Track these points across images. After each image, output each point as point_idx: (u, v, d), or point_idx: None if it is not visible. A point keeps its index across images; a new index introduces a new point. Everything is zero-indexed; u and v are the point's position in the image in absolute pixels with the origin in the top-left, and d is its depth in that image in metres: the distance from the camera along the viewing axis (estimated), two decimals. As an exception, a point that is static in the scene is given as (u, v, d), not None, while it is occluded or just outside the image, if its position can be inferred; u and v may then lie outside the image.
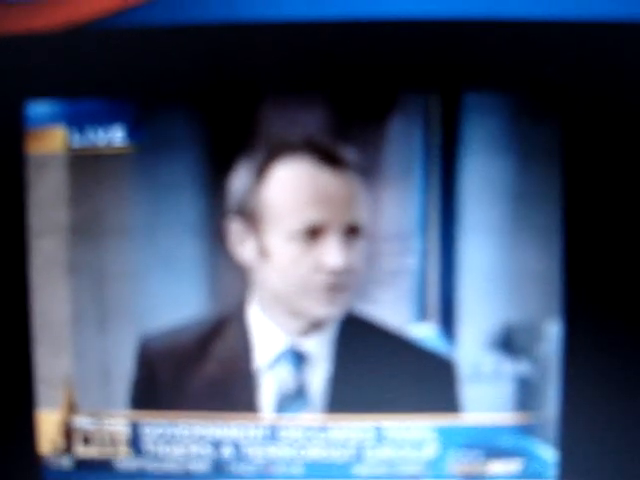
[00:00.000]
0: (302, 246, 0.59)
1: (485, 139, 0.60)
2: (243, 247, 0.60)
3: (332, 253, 0.58)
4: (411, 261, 0.61)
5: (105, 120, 0.61)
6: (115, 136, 0.61)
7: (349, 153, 0.59)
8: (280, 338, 0.62)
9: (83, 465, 0.64)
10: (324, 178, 0.59)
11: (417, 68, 0.60)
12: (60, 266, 0.63)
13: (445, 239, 0.61)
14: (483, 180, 0.61)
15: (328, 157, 0.59)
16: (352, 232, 0.59)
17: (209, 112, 0.61)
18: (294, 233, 0.58)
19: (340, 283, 0.59)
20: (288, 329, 0.62)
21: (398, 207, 0.61)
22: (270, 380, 0.62)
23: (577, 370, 0.61)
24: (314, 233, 0.58)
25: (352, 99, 0.60)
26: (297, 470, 0.63)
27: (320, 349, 0.62)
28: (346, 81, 0.60)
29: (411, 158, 0.61)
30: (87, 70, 0.60)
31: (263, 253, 0.60)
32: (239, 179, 0.60)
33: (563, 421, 0.61)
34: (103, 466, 0.64)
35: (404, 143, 0.61)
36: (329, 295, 0.59)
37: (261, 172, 0.59)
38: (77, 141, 0.61)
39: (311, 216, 0.58)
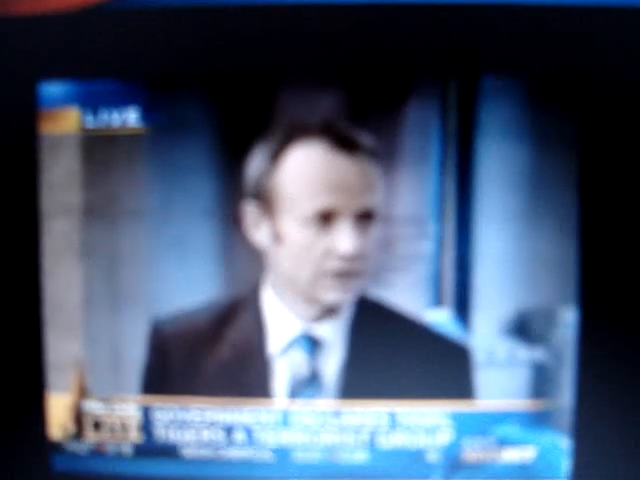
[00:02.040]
0: (315, 231, 0.58)
1: (502, 124, 0.60)
2: (258, 231, 0.60)
3: (344, 239, 0.58)
4: (427, 246, 0.61)
5: (119, 102, 0.60)
6: (129, 117, 0.60)
7: (365, 138, 0.59)
8: (294, 323, 0.61)
9: (94, 450, 0.64)
10: (339, 163, 0.58)
11: (435, 52, 0.59)
12: (72, 248, 0.62)
13: (461, 225, 0.61)
14: (500, 166, 0.60)
15: (344, 141, 0.58)
16: (366, 218, 0.59)
17: (225, 95, 0.60)
18: (307, 218, 0.58)
19: (352, 269, 0.59)
20: (302, 314, 0.61)
21: (414, 192, 0.60)
22: (283, 365, 0.62)
23: (592, 357, 0.60)
24: (327, 218, 0.58)
25: (369, 84, 0.60)
26: (310, 455, 0.63)
27: (334, 334, 0.61)
28: (363, 66, 0.59)
29: (428, 143, 0.60)
30: (102, 51, 0.60)
31: (277, 237, 0.59)
32: (255, 162, 0.59)
33: (578, 409, 0.61)
34: (114, 451, 0.64)
35: (421, 128, 0.60)
36: (341, 281, 0.59)
37: (276, 155, 0.59)
38: (91, 122, 0.61)
39: (324, 201, 0.58)
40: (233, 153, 0.60)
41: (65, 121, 0.61)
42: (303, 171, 0.58)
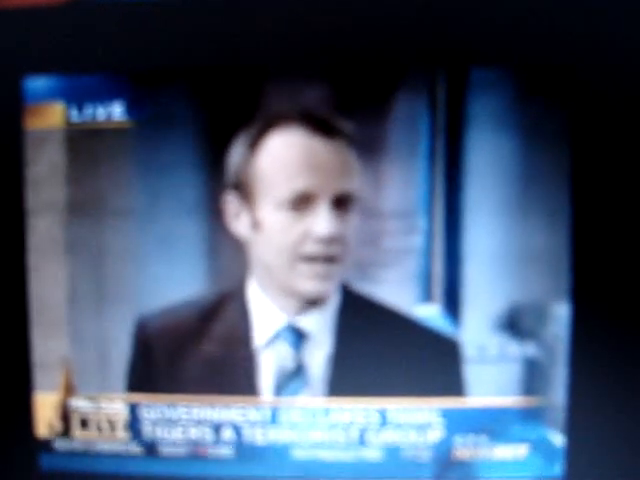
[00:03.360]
0: (291, 215, 0.57)
1: (491, 117, 0.59)
2: (238, 221, 0.59)
3: (321, 221, 0.57)
4: (416, 241, 0.60)
5: (104, 96, 0.60)
6: (114, 111, 0.60)
7: (343, 123, 0.58)
8: (278, 316, 0.61)
9: (81, 448, 0.63)
10: (315, 146, 0.58)
11: (422, 44, 0.59)
12: (57, 245, 0.61)
13: (450, 219, 0.60)
14: (489, 158, 0.60)
15: (322, 126, 0.58)
16: (343, 202, 0.58)
17: (210, 89, 0.60)
18: (283, 201, 0.57)
19: (329, 253, 0.58)
20: (285, 307, 0.60)
21: (403, 186, 0.60)
22: (269, 359, 0.61)
23: (585, 353, 0.59)
24: (304, 201, 0.57)
25: (356, 77, 0.59)
26: (299, 453, 0.62)
27: (320, 327, 0.61)
28: (350, 59, 0.59)
29: (416, 136, 0.60)
30: (86, 45, 0.59)
31: (255, 225, 0.59)
32: (235, 152, 0.59)
33: (570, 405, 0.60)
34: (101, 449, 0.63)
35: (409, 121, 0.59)
36: (318, 267, 0.58)
37: (255, 143, 0.58)
38: (76, 116, 0.60)
39: (301, 183, 0.57)
40: (218, 147, 0.59)
41: (50, 116, 0.60)
42: (280, 155, 0.58)
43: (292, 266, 0.58)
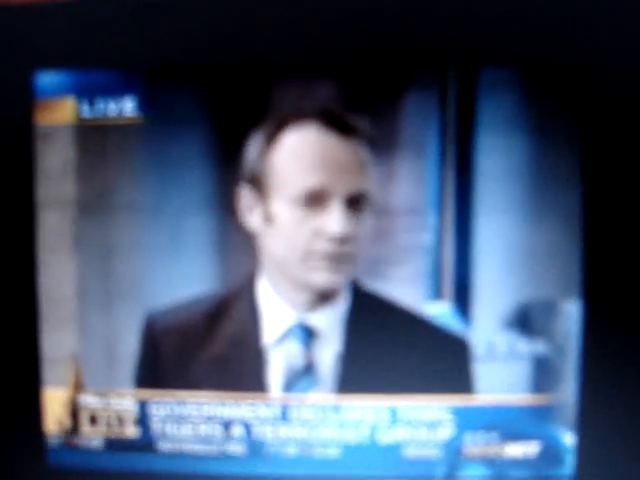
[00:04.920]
0: (305, 212, 0.57)
1: (501, 115, 0.59)
2: (251, 215, 0.60)
3: (334, 220, 0.57)
4: (426, 238, 0.60)
5: (116, 91, 0.60)
6: (126, 107, 0.60)
7: (360, 122, 0.58)
8: (288, 313, 0.61)
9: (89, 444, 0.63)
10: (332, 143, 0.58)
11: (434, 43, 0.59)
12: (66, 240, 0.61)
13: (461, 216, 0.60)
14: (500, 157, 0.60)
15: (338, 123, 0.58)
16: (357, 201, 0.58)
17: (221, 86, 0.60)
18: (297, 197, 0.57)
19: (341, 252, 0.58)
20: (295, 303, 0.60)
21: (414, 183, 0.60)
22: (279, 357, 0.61)
23: (595, 350, 0.59)
24: (317, 199, 0.57)
25: (368, 76, 0.59)
26: (309, 450, 0.62)
27: (330, 325, 0.61)
28: (362, 57, 0.59)
29: (427, 134, 0.59)
30: (98, 40, 0.59)
31: (268, 219, 0.59)
32: (252, 148, 0.59)
33: (581, 403, 0.60)
34: (110, 445, 0.63)
35: (420, 119, 0.59)
36: (330, 264, 0.58)
37: (271, 139, 0.58)
38: (87, 112, 0.60)
39: (315, 180, 0.57)
40: (229, 144, 0.59)
41: (61, 111, 0.60)
42: (296, 151, 0.58)
43: (303, 260, 0.58)
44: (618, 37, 0.58)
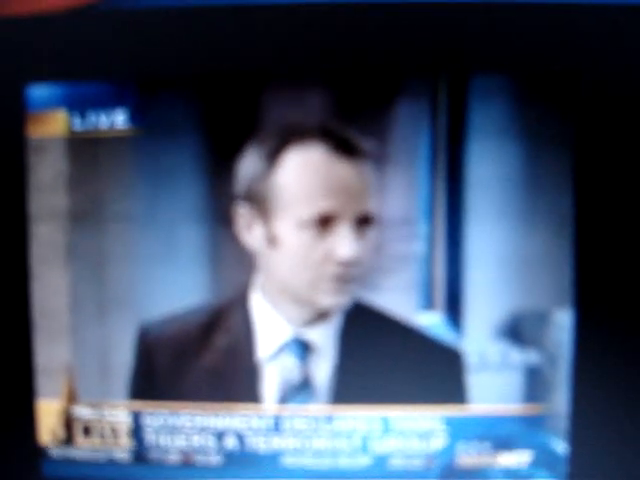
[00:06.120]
0: (313, 235, 0.57)
1: (493, 123, 0.59)
2: (250, 233, 0.59)
3: (344, 244, 0.57)
4: (417, 248, 0.60)
5: (107, 104, 0.60)
6: (117, 119, 0.60)
7: (364, 142, 0.58)
8: (284, 328, 0.61)
9: (83, 455, 0.63)
10: (338, 166, 0.57)
11: (424, 51, 0.59)
12: (59, 252, 0.62)
13: (452, 226, 0.60)
14: (491, 165, 0.60)
15: (343, 145, 0.58)
16: (364, 222, 0.58)
17: (213, 97, 0.60)
18: (305, 221, 0.57)
19: (350, 274, 0.58)
20: (292, 318, 0.60)
21: (404, 193, 0.60)
22: (274, 371, 0.61)
23: (587, 360, 0.59)
24: (326, 222, 0.57)
25: (358, 85, 0.59)
26: (302, 461, 0.62)
27: (325, 339, 0.61)
28: (352, 66, 0.59)
29: (418, 143, 0.60)
30: (89, 52, 0.59)
31: (272, 240, 0.59)
32: (248, 164, 0.59)
33: (573, 413, 0.60)
34: (104, 457, 0.63)
35: (411, 128, 0.59)
36: (337, 285, 0.58)
37: (273, 157, 0.58)
38: (78, 125, 0.60)
39: (324, 204, 0.57)
40: (222, 155, 0.59)
41: (53, 123, 0.61)
42: (302, 174, 0.58)
43: (313, 284, 0.58)
44: (611, 43, 0.58)
